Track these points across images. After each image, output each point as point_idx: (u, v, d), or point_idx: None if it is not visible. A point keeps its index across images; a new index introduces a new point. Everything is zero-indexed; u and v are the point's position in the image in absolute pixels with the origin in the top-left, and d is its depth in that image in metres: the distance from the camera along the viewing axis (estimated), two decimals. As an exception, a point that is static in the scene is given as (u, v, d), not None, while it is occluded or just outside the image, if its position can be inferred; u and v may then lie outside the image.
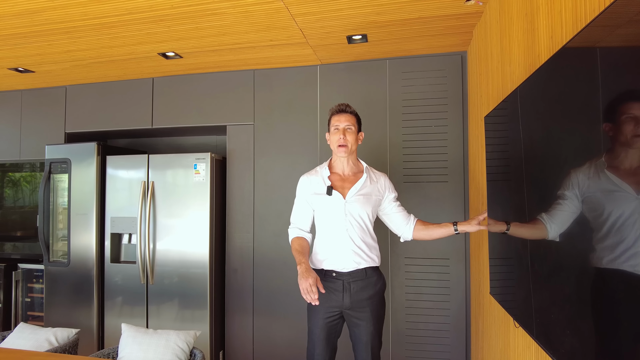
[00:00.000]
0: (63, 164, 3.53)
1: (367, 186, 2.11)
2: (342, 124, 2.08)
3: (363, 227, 2.07)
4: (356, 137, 2.12)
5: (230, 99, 3.43)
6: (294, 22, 2.51)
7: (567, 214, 0.92)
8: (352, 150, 2.10)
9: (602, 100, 0.85)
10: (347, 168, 2.14)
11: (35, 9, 2.35)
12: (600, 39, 0.97)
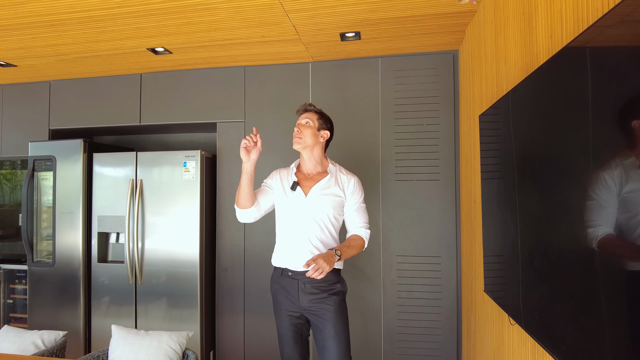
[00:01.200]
0: (47, 162, 3.43)
1: (331, 186, 2.05)
2: (301, 120, 2.09)
3: (322, 228, 2.02)
4: (314, 133, 2.06)
5: (220, 95, 3.38)
6: (288, 18, 2.48)
7: (606, 214, 0.92)
8: (306, 143, 2.04)
9: (624, 97, 0.85)
10: (311, 166, 2.10)
11: (19, 1, 2.27)
12: (606, 38, 0.97)
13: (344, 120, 3.14)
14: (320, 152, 2.14)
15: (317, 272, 1.76)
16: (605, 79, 0.96)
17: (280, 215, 2.11)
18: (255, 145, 1.95)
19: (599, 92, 0.96)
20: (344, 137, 3.15)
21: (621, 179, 0.87)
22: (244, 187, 1.98)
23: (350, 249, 1.99)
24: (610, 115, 0.93)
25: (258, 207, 2.07)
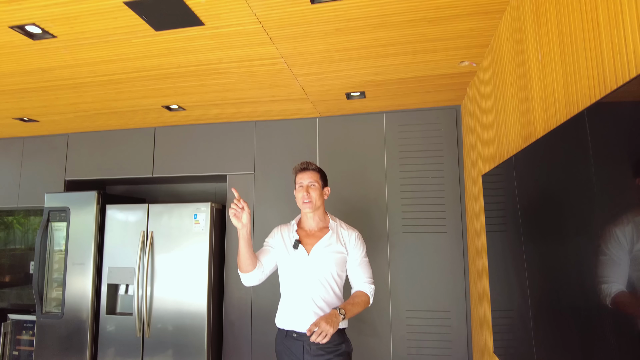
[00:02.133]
0: (62, 213, 3.52)
1: (333, 243, 2.05)
2: (305, 181, 2.08)
3: (326, 287, 2.00)
4: (320, 193, 2.10)
5: (231, 148, 3.49)
6: (296, 81, 2.62)
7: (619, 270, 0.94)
8: (316, 205, 2.07)
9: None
10: (314, 223, 2.11)
11: (46, 68, 2.43)
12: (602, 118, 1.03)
13: (350, 172, 3.21)
14: (323, 209, 2.16)
15: (320, 336, 1.76)
16: (608, 142, 1.00)
17: (283, 274, 2.11)
18: (243, 209, 1.93)
19: (602, 155, 1.01)
20: (350, 189, 3.22)
21: (632, 236, 0.89)
22: (243, 252, 1.97)
23: (354, 306, 1.99)
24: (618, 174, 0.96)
25: (261, 269, 2.06)
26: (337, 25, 1.96)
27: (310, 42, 2.12)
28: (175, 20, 1.89)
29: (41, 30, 1.98)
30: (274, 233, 2.18)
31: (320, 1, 1.74)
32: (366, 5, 1.79)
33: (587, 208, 1.09)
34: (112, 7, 1.79)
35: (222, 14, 1.85)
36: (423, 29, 2.01)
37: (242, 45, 2.14)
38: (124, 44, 2.13)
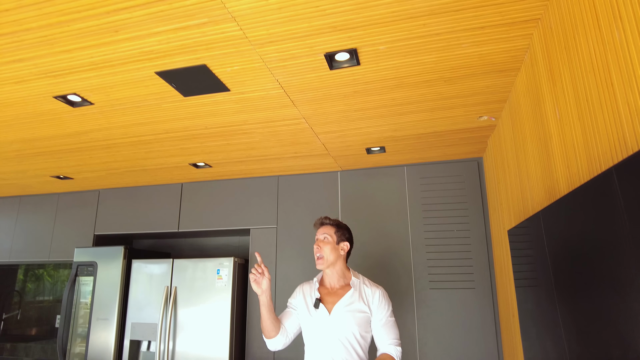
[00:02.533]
0: (89, 267, 3.59)
1: (355, 301, 1.97)
2: (319, 235, 2.06)
3: (348, 348, 1.91)
4: (334, 247, 2.03)
5: (254, 203, 3.55)
6: (317, 138, 2.69)
7: None
8: (329, 261, 2.01)
9: None
10: (334, 280, 2.05)
11: (83, 131, 2.59)
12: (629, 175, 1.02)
13: (373, 226, 3.19)
14: (342, 265, 2.08)
15: None
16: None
17: (305, 334, 2.05)
18: (263, 274, 1.93)
19: (635, 212, 0.98)
20: (373, 243, 3.18)
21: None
22: (265, 319, 1.94)
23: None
24: None
25: (285, 333, 2.01)
26: (355, 88, 2.04)
27: (329, 104, 2.21)
28: (203, 87, 2.01)
29: (81, 99, 2.14)
30: (296, 292, 2.14)
31: (338, 67, 1.83)
32: (382, 69, 1.87)
33: (623, 265, 1.05)
34: (144, 77, 1.93)
35: (246, 81, 1.96)
36: (440, 88, 2.07)
37: (266, 108, 2.25)
38: (154, 108, 2.26)
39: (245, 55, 1.75)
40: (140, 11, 1.48)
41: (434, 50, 1.74)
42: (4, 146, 2.86)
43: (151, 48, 1.70)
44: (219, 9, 1.47)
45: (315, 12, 1.49)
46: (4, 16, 1.50)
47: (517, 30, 1.62)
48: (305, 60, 1.79)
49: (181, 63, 1.81)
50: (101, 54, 1.74)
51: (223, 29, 1.58)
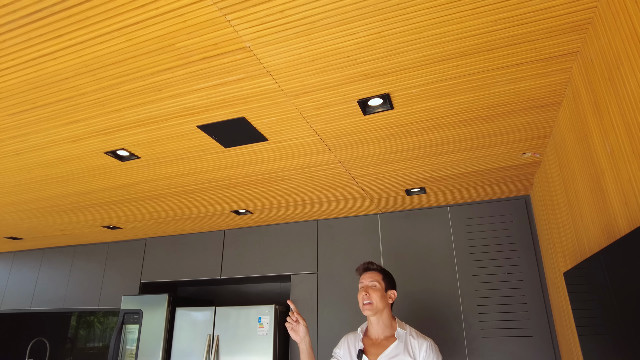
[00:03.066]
0: (135, 315, 3.66)
1: (400, 354, 1.87)
2: (365, 282, 1.99)
3: None
4: (383, 295, 1.96)
5: (294, 248, 3.54)
6: (355, 182, 2.69)
7: None
8: (378, 308, 1.93)
9: None
10: (379, 330, 1.95)
11: (131, 183, 2.73)
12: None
13: (417, 271, 3.07)
14: (389, 314, 2.00)
15: None
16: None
17: None
18: (298, 322, 1.89)
19: None
20: (417, 290, 3.05)
21: None
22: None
23: None
24: None
25: None
26: (390, 131, 2.03)
27: (365, 148, 2.21)
28: (242, 138, 2.08)
29: (128, 153, 2.27)
30: (342, 343, 2.07)
31: (372, 112, 1.85)
32: (416, 112, 1.87)
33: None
34: (187, 131, 2.02)
35: (283, 130, 2.01)
36: (477, 127, 2.03)
37: (302, 155, 2.28)
38: (197, 160, 2.36)
39: (281, 106, 1.80)
40: (181, 70, 1.58)
41: (469, 90, 1.72)
42: (61, 199, 3.05)
43: (192, 104, 1.80)
44: (255, 65, 1.54)
45: (347, 62, 1.53)
46: (64, 84, 1.65)
47: (554, 65, 1.58)
48: (339, 107, 1.82)
49: (221, 116, 1.90)
50: (147, 112, 1.86)
51: (259, 83, 1.65)
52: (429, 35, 1.41)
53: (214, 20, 1.33)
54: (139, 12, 1.29)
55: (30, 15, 1.31)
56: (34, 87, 1.67)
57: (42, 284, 4.65)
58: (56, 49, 1.45)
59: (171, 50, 1.46)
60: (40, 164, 2.41)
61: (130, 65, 1.54)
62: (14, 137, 2.09)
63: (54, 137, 2.08)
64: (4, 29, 1.37)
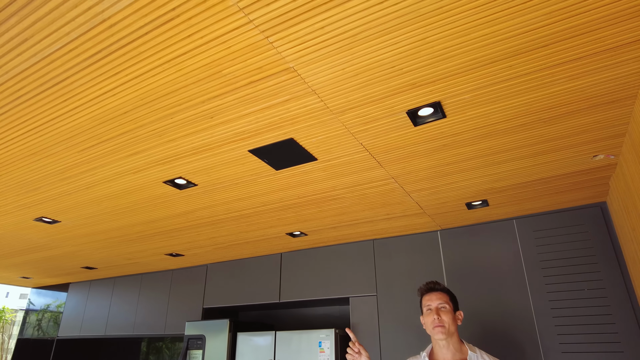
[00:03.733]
0: (199, 341, 3.74)
1: None
2: (434, 303, 1.88)
3: None
4: (453, 317, 1.86)
5: (351, 269, 3.46)
6: (410, 197, 2.59)
7: None
8: (450, 331, 1.83)
9: None
10: (449, 354, 1.83)
11: (190, 210, 2.83)
12: None
13: (483, 290, 2.88)
14: (458, 337, 1.90)
15: None
16: None
17: None
18: (360, 354, 1.83)
19: None
20: (485, 311, 2.85)
21: None
22: None
23: None
24: None
25: None
26: (443, 141, 1.95)
27: (418, 161, 2.13)
28: (292, 159, 2.09)
29: (186, 182, 2.36)
30: None
31: (422, 123, 1.78)
32: (470, 119, 1.77)
33: None
34: (239, 156, 2.07)
35: (332, 149, 2.00)
36: (538, 131, 1.89)
37: (352, 172, 2.25)
38: (251, 184, 2.40)
39: (328, 124, 1.79)
40: (230, 97, 1.62)
41: (525, 91, 1.61)
42: (128, 229, 3.23)
43: (243, 129, 1.84)
44: (300, 85, 1.55)
45: (392, 73, 1.49)
46: (124, 117, 1.75)
47: (623, 54, 1.44)
48: (387, 120, 1.77)
49: (270, 139, 1.92)
50: (200, 139, 1.92)
51: (305, 103, 1.65)
52: (477, 36, 1.34)
53: (257, 44, 1.36)
54: (185, 42, 1.35)
55: (92, 56, 1.42)
56: (99, 123, 1.79)
57: (115, 311, 4.91)
58: (115, 85, 1.56)
59: (219, 77, 1.51)
60: (108, 196, 2.57)
61: (182, 95, 1.61)
62: (84, 172, 2.25)
63: (118, 169, 2.21)
64: (72, 71, 1.49)
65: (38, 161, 2.14)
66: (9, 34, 1.34)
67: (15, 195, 2.57)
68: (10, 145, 2.00)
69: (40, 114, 1.74)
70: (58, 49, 1.39)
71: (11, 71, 1.50)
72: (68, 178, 2.33)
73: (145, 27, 1.30)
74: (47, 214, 2.89)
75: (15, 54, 1.42)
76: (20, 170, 2.24)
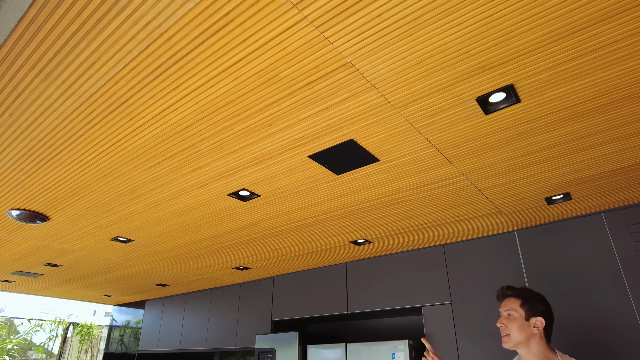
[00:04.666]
0: (269, 354, 3.72)
1: None
2: (502, 310, 1.76)
3: None
4: (522, 325, 1.68)
5: (421, 277, 3.29)
6: (482, 195, 2.41)
7: None
8: (517, 340, 1.67)
9: None
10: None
11: (254, 222, 2.84)
12: None
13: (572, 294, 2.59)
14: (541, 346, 1.69)
15: None
16: None
17: None
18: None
19: None
20: (578, 316, 2.56)
21: None
22: None
23: None
24: None
25: None
26: (519, 129, 1.78)
27: (491, 154, 1.96)
28: (353, 161, 2.01)
29: (249, 193, 2.36)
30: None
31: (494, 110, 1.63)
32: (548, 100, 1.60)
33: None
34: (299, 162, 2.03)
35: (394, 147, 1.89)
36: (631, 108, 1.66)
37: (418, 172, 2.12)
38: (311, 191, 2.35)
39: (390, 120, 1.70)
40: (287, 101, 1.58)
41: (614, 62, 1.42)
42: (196, 244, 3.31)
43: (301, 134, 1.79)
44: (358, 80, 1.47)
45: (458, 57, 1.38)
46: (186, 132, 1.78)
47: None
48: (454, 111, 1.64)
49: (329, 142, 1.86)
50: (260, 149, 1.91)
51: (364, 100, 1.57)
52: (553, 5, 1.19)
53: (312, 41, 1.31)
54: (240, 48, 1.33)
55: (152, 72, 1.44)
56: (162, 140, 1.84)
57: (187, 326, 5.07)
58: (175, 100, 1.58)
59: (275, 81, 1.48)
60: (175, 213, 2.64)
61: (240, 105, 1.60)
62: (151, 190, 2.33)
63: (183, 185, 2.26)
64: (134, 90, 1.53)
65: (109, 182, 2.24)
66: (80, 59, 1.39)
67: (93, 217, 2.72)
68: (85, 169, 2.11)
69: (109, 135, 1.81)
70: (121, 68, 1.43)
71: (83, 95, 1.57)
72: (137, 197, 2.42)
73: (200, 37, 1.29)
74: (122, 233, 3.03)
75: (85, 78, 1.48)
76: (95, 192, 2.36)
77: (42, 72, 1.46)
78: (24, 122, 1.73)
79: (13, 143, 1.89)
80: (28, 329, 6.18)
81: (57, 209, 2.58)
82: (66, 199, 2.44)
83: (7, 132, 1.81)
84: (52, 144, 1.88)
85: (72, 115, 1.68)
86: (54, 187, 2.29)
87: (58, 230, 2.97)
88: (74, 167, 2.09)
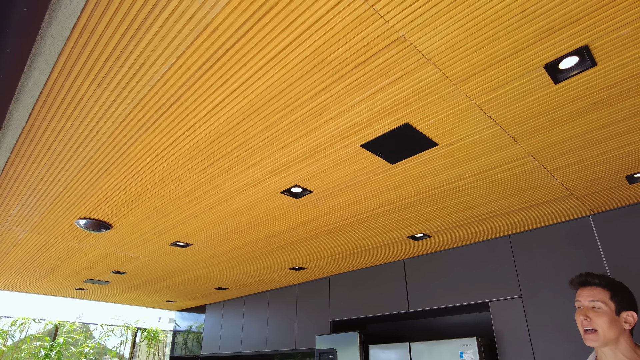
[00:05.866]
0: (330, 355, 3.66)
1: None
2: (585, 301, 1.46)
3: None
4: (613, 320, 1.42)
5: (486, 271, 3.10)
6: (552, 177, 2.21)
7: None
8: (607, 338, 1.41)
9: None
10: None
11: (307, 220, 2.79)
12: None
13: (666, 281, 2.31)
14: (630, 344, 1.45)
15: None
16: None
17: None
18: None
19: None
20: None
21: None
22: None
23: None
24: None
25: None
26: (593, 98, 1.60)
27: (561, 129, 1.79)
28: (409, 148, 1.91)
29: (301, 189, 2.32)
30: None
31: (565, 77, 1.47)
32: (627, 62, 1.41)
33: None
34: (351, 153, 1.95)
35: (454, 128, 1.77)
36: None
37: (480, 155, 1.98)
38: (365, 183, 2.27)
39: (448, 98, 1.58)
40: (337, 87, 1.51)
41: None
42: (251, 245, 3.32)
43: (353, 121, 1.72)
44: (413, 55, 1.38)
45: (521, 19, 1.25)
46: (237, 129, 1.76)
47: None
48: (520, 82, 1.50)
49: (383, 128, 1.77)
50: (311, 141, 1.85)
51: (420, 77, 1.47)
52: (640, -57, 1.04)
53: (362, 17, 1.23)
54: (287, 33, 1.28)
55: (200, 68, 1.43)
56: (214, 139, 1.83)
57: (247, 329, 5.12)
58: (224, 96, 1.56)
59: (324, 65, 1.42)
60: (231, 214, 2.65)
61: (289, 95, 1.56)
62: (206, 192, 2.34)
63: (237, 185, 2.26)
64: (184, 88, 1.52)
65: (165, 187, 2.28)
66: (130, 60, 1.41)
67: (152, 223, 2.80)
68: (141, 174, 2.15)
69: (161, 139, 1.83)
70: (170, 66, 1.42)
71: (134, 100, 1.59)
72: (193, 200, 2.44)
73: (245, 25, 1.26)
74: (180, 237, 3.09)
75: (135, 80, 1.50)
76: (152, 197, 2.41)
77: (97, 78, 1.49)
78: (83, 131, 1.79)
79: (76, 153, 1.96)
80: (102, 334, 6.56)
81: (118, 216, 2.67)
82: (126, 205, 2.52)
83: (69, 142, 1.88)
84: (110, 151, 1.93)
85: (125, 121, 1.71)
86: (115, 194, 2.37)
87: (121, 238, 3.09)
88: (131, 174, 2.14)
